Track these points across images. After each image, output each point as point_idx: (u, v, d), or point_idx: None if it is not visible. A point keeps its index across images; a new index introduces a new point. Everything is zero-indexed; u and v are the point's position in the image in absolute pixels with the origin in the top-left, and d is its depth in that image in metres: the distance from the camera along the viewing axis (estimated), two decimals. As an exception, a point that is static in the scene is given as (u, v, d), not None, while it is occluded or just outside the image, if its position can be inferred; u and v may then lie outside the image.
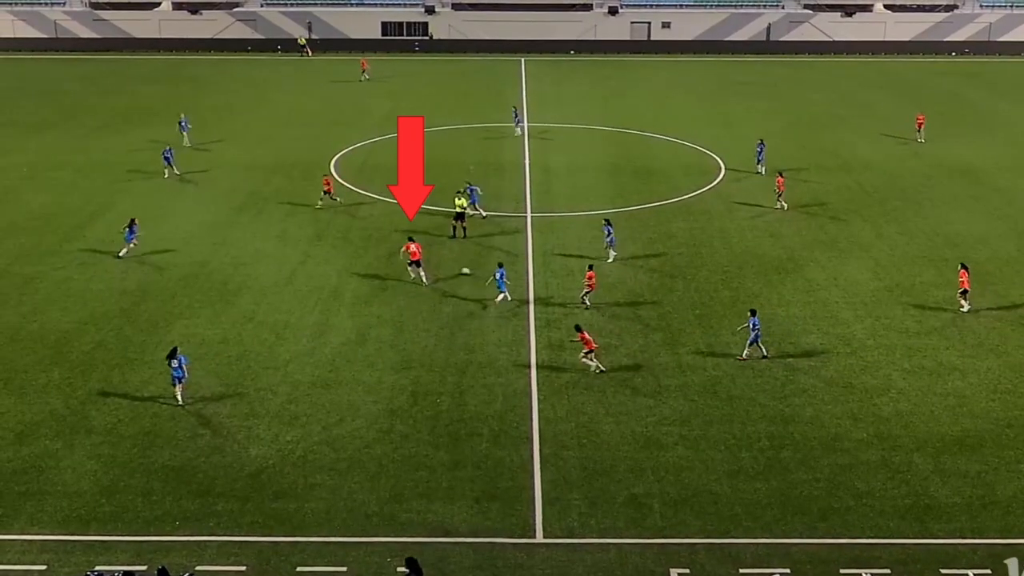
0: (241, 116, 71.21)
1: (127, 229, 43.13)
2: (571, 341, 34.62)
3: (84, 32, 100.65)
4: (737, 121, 69.44)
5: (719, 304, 38.61)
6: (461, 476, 27.63)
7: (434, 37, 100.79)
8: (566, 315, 37.12)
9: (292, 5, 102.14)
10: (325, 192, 49.77)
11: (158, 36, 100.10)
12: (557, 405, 31.22)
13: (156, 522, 25.61)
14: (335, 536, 25.22)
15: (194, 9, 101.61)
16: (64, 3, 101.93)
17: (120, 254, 42.83)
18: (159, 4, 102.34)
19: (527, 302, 38.61)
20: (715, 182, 54.49)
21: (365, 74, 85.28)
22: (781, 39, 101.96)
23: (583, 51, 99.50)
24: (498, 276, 38.29)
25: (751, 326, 33.89)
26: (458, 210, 45.56)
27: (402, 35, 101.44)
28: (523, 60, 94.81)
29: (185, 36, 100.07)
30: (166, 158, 54.59)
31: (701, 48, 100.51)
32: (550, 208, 49.63)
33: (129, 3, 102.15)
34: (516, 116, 65.87)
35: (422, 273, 40.29)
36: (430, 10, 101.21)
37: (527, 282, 40.53)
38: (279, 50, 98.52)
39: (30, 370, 33.28)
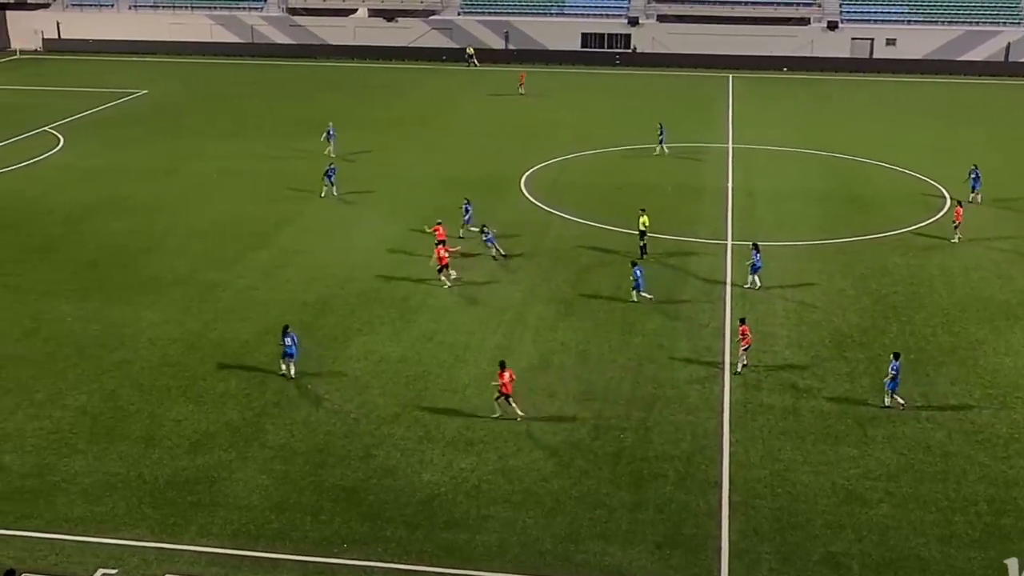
0: (427, 126, 72.96)
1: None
2: (738, 340, 34.03)
3: (279, 38, 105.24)
4: (967, 149, 66.83)
5: (937, 350, 37.19)
6: (642, 519, 27.43)
7: (637, 50, 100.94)
8: (764, 352, 36.44)
9: (490, 14, 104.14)
10: (439, 246, 43.53)
11: (352, 43, 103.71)
12: (751, 449, 30.66)
13: (324, 543, 26.38)
14: (506, 572, 25.39)
15: (390, 17, 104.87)
16: (261, 8, 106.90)
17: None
18: (355, 11, 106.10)
19: (722, 336, 38.11)
20: (938, 215, 52.57)
21: (521, 88, 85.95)
22: (1022, 60, 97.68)
23: (797, 69, 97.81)
24: (637, 275, 40.23)
25: (892, 370, 32.58)
26: (641, 229, 45.61)
27: (603, 47, 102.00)
28: (731, 77, 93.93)
29: (379, 44, 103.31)
30: (328, 175, 55.07)
31: (930, 68, 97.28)
32: (752, 236, 48.82)
33: (325, 9, 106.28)
34: (661, 133, 65.20)
35: (449, 274, 42.25)
36: (633, 22, 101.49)
37: (723, 315, 40.01)
38: (444, 59, 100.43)
39: (208, 378, 34.89)
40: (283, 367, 34.73)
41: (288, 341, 34.50)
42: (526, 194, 56.04)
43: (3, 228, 50.18)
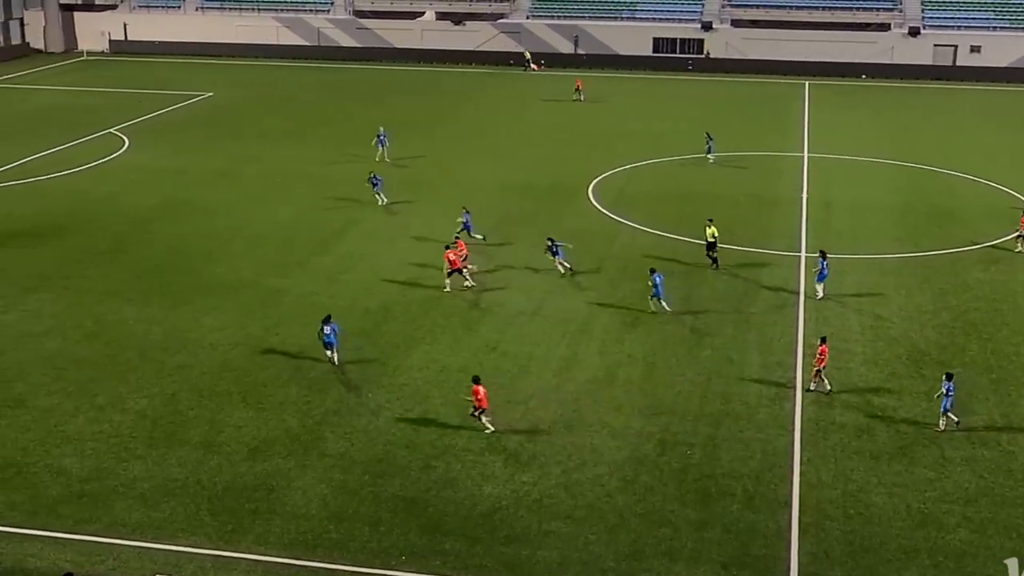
0: (493, 131, 73.17)
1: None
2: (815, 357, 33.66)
3: (346, 41, 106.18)
4: (1054, 161, 65.69)
5: (1020, 369, 36.52)
6: (708, 538, 27.23)
7: (710, 56, 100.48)
8: (838, 368, 36.02)
9: (559, 17, 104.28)
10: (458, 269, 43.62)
11: (419, 47, 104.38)
12: (822, 469, 30.31)
13: (382, 554, 26.50)
14: (567, 589, 25.37)
15: (458, 20, 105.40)
16: (328, 11, 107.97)
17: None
18: (422, 14, 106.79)
19: (794, 351, 37.76)
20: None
21: (579, 94, 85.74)
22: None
23: (877, 76, 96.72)
24: (656, 282, 40.54)
25: (945, 391, 32.03)
26: (709, 240, 45.48)
27: (674, 52, 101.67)
28: (807, 84, 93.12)
29: (447, 47, 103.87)
30: (374, 184, 54.94)
31: (1016, 76, 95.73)
32: (827, 248, 48.23)
33: (393, 12, 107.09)
34: (709, 142, 64.78)
35: (457, 280, 42.71)
36: (707, 27, 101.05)
37: (796, 329, 39.64)
38: (542, 64, 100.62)
39: (269, 385, 35.24)
40: (327, 355, 36.46)
41: (327, 330, 36.22)
42: (593, 202, 55.98)
43: (68, 230, 51.13)
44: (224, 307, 41.72)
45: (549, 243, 45.30)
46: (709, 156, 64.53)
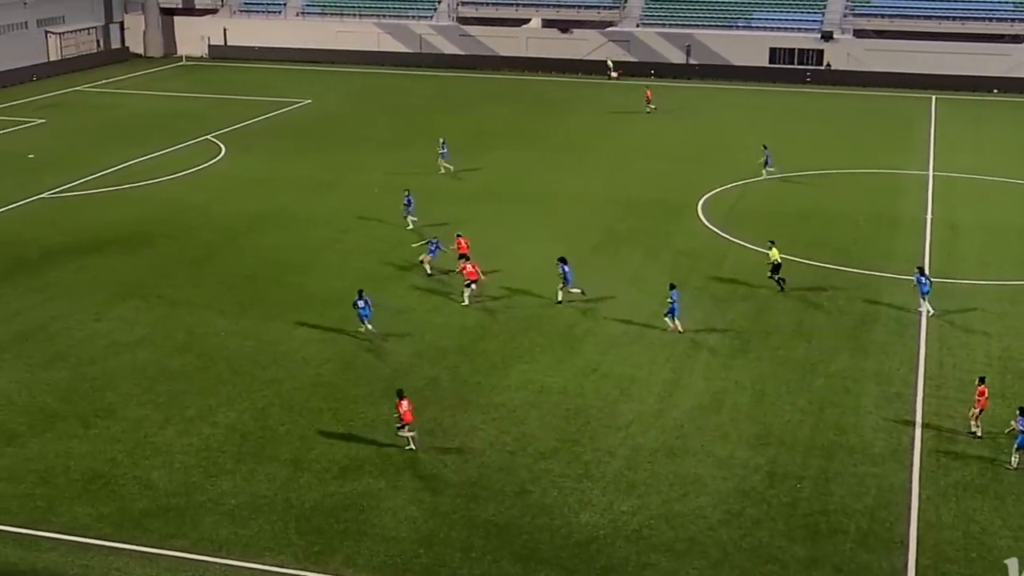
0: (597, 143, 73.10)
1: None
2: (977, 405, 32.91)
3: (448, 48, 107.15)
4: None
5: None
6: (818, 577, 26.85)
7: (831, 67, 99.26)
8: (962, 402, 35.21)
9: (671, 26, 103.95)
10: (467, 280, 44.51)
11: (524, 55, 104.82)
12: (942, 508, 29.66)
13: (473, 582, 26.58)
14: (666, 626, 25.16)
15: (564, 28, 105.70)
16: (431, 17, 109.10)
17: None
18: (528, 21, 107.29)
19: (914, 381, 37.02)
20: None
21: (650, 104, 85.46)
22: None
23: (1010, 91, 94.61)
24: (673, 298, 40.85)
25: (1020, 427, 31.17)
26: (773, 262, 45.17)
27: (792, 64, 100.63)
28: (933, 98, 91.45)
29: (552, 56, 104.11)
30: (407, 204, 53.83)
31: None
32: (952, 273, 47.43)
33: (497, 19, 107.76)
34: (766, 152, 64.16)
35: (474, 291, 43.74)
36: (827, 36, 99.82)
37: (917, 357, 38.88)
38: (652, 74, 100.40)
39: (360, 402, 35.61)
40: (362, 328, 40.29)
41: (361, 303, 40.15)
42: (703, 220, 55.62)
43: (162, 238, 52.32)
44: (317, 321, 42.28)
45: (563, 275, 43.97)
46: (766, 169, 63.66)
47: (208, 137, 74.51)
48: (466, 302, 43.59)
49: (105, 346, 39.90)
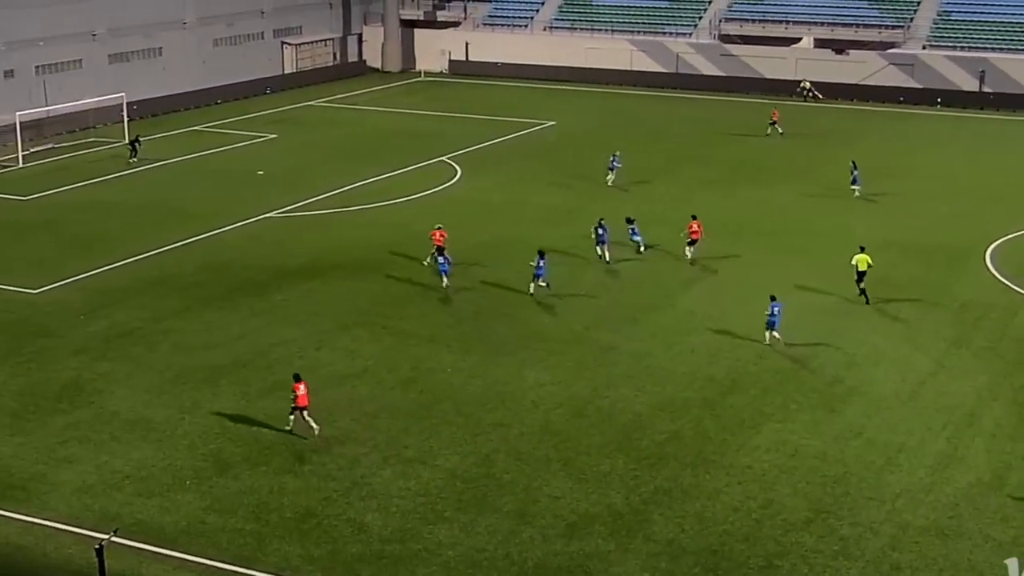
0: (873, 177, 71.40)
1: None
2: None
3: (707, 68, 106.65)
4: None
5: None
6: None
7: None
8: None
9: (963, 48, 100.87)
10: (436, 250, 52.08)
11: (792, 77, 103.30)
12: None
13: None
14: None
15: (840, 49, 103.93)
16: (690, 35, 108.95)
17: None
18: (798, 40, 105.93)
19: None
20: None
21: (777, 127, 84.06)
22: None
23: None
24: (775, 312, 43.38)
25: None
26: (860, 269, 47.84)
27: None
28: None
29: (825, 80, 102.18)
30: (600, 231, 54.33)
31: None
32: None
33: (764, 38, 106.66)
34: (854, 171, 64.40)
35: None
36: None
37: None
38: (939, 103, 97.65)
39: (593, 453, 35.70)
40: (532, 287, 48.09)
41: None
42: (991, 269, 53.63)
43: (390, 265, 53.85)
44: (549, 362, 42.70)
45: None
46: (854, 188, 66.29)
47: (443, 158, 76.41)
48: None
49: (325, 376, 41.29)
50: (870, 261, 47.86)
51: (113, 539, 27.60)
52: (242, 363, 42.69)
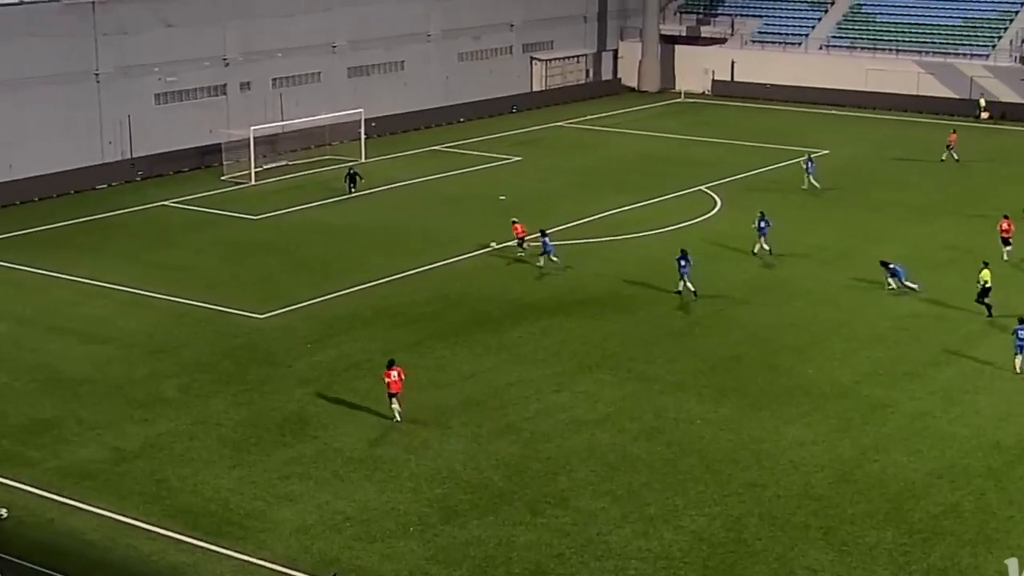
0: None
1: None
2: None
3: (1006, 94, 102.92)
4: None
5: None
6: None
7: None
8: None
9: None
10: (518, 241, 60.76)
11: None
12: None
13: None
14: None
15: None
16: (988, 56, 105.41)
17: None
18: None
19: None
20: None
21: (952, 152, 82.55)
22: None
23: None
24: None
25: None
26: (983, 285, 50.63)
27: None
28: None
29: None
30: (761, 226, 61.17)
31: None
32: None
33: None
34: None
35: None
36: None
37: None
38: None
39: (858, 523, 34.81)
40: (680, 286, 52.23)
41: (683, 263, 53.28)
42: None
43: (636, 303, 53.92)
44: (812, 418, 41.95)
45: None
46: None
47: (702, 187, 76.13)
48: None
49: (564, 422, 41.48)
50: (990, 278, 50.92)
51: (331, 585, 28.23)
52: (474, 403, 43.25)
